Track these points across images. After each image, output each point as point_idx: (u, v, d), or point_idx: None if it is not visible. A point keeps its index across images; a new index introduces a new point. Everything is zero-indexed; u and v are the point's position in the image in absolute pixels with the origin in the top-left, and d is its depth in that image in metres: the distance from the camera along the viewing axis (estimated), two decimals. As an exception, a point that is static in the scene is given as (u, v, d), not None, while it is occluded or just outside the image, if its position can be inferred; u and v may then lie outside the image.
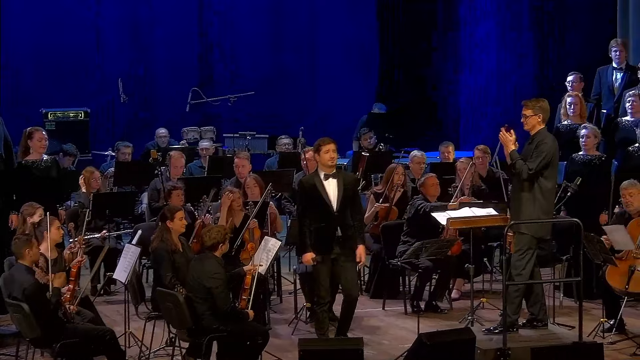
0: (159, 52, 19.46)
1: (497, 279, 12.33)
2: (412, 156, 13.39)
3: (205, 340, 9.17)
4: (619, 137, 12.80)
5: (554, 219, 10.73)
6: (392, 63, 20.64)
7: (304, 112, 19.90)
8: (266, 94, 19.45)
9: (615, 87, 13.75)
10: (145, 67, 19.31)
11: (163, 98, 19.20)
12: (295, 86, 20.21)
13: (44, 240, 9.65)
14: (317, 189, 9.75)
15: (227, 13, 20.01)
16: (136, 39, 19.29)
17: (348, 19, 20.47)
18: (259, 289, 10.16)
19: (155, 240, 10.34)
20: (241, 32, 19.90)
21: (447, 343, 9.11)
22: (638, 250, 10.24)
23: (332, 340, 9.73)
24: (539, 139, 10.00)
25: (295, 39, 20.41)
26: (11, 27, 18.24)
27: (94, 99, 18.43)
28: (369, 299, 12.12)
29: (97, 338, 9.16)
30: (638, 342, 10.07)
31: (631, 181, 10.74)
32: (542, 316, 10.33)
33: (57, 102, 17.76)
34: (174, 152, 13.54)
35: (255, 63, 20.02)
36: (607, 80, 13.79)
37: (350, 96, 20.10)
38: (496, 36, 18.77)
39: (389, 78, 20.63)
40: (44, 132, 12.09)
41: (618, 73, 13.78)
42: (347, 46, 20.54)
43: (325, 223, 9.71)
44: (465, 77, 19.48)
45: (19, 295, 9.08)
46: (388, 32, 20.67)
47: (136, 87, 19.12)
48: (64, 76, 18.48)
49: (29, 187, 11.51)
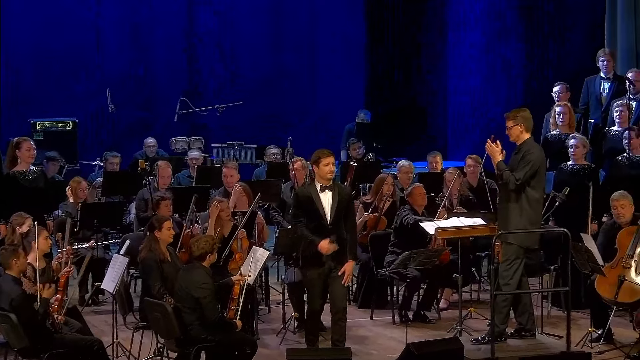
0: (158, 52, 19.36)
1: (485, 289, 12.31)
2: (399, 166, 13.41)
3: (193, 350, 9.16)
4: (606, 147, 12.83)
5: (542, 228, 10.75)
6: (384, 67, 20.55)
7: (304, 112, 19.88)
8: (266, 94, 19.40)
9: (603, 97, 13.78)
10: (145, 67, 19.23)
11: (161, 99, 19.07)
12: (295, 86, 20.06)
13: (32, 250, 9.64)
14: (313, 200, 9.63)
15: (227, 13, 19.89)
16: (136, 39, 19.22)
17: (347, 19, 20.38)
18: (247, 299, 10.15)
19: (144, 250, 10.32)
20: (241, 32, 19.76)
21: (435, 353, 9.12)
22: (628, 260, 10.27)
23: (320, 350, 9.70)
24: (525, 149, 10.04)
25: (295, 39, 20.26)
26: (11, 27, 18.15)
27: (92, 100, 18.36)
28: (357, 308, 12.09)
29: (85, 348, 9.15)
30: (626, 351, 10.09)
31: (622, 192, 10.74)
32: (530, 326, 10.35)
33: (54, 105, 17.73)
34: (161, 162, 13.53)
35: (255, 63, 19.87)
36: (594, 90, 13.82)
37: (350, 97, 19.98)
38: (484, 47, 18.75)
39: (377, 86, 20.55)
40: (32, 142, 12.09)
41: (605, 83, 13.81)
42: (347, 46, 20.42)
43: (318, 235, 9.62)
44: (453, 87, 19.48)
45: (7, 306, 9.07)
46: (385, 32, 20.53)
47: (136, 87, 19.06)
48: (61, 78, 18.44)
49: (17, 197, 11.50)
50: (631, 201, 10.64)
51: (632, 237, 10.34)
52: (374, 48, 20.56)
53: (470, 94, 19.16)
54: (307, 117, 19.86)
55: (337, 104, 19.90)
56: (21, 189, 11.66)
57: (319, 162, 9.64)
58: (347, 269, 9.59)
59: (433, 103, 20.02)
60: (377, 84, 20.57)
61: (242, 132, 18.37)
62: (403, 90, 20.36)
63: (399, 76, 20.47)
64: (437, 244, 11.40)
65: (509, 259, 10.11)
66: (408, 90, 20.31)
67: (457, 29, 19.27)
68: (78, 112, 17.65)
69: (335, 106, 19.92)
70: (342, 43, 20.43)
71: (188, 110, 17.56)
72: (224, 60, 19.82)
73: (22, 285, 9.27)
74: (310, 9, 20.36)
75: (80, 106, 18.03)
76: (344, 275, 9.58)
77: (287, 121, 19.63)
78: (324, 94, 20.14)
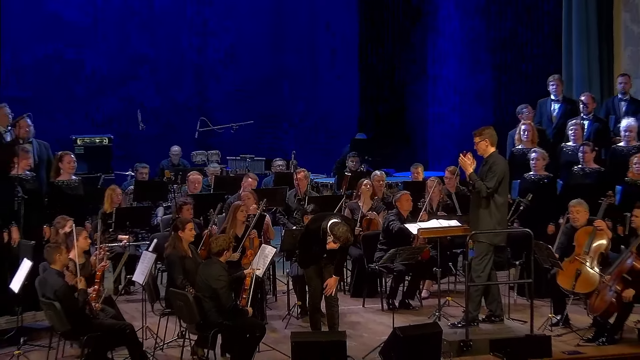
0: (161, 55, 18.48)
1: (460, 281, 12.28)
2: (373, 175, 13.31)
3: (211, 333, 9.16)
4: (563, 159, 12.80)
5: (509, 229, 10.75)
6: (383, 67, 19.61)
7: (304, 112, 19.19)
8: (266, 94, 18.65)
9: (554, 116, 13.76)
10: (164, 97, 18.47)
11: (182, 116, 18.27)
12: (296, 86, 19.21)
13: (73, 248, 9.64)
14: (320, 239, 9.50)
15: (228, 13, 18.82)
16: (156, 72, 18.46)
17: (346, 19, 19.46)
18: (257, 289, 10.15)
19: (169, 247, 10.30)
20: (242, 32, 18.72)
21: (418, 336, 9.13)
22: (584, 256, 10.26)
23: (319, 333, 9.69)
24: (492, 161, 10.07)
25: (296, 39, 19.23)
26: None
27: (124, 119, 17.74)
28: (350, 297, 12.09)
29: (119, 332, 9.14)
30: (581, 335, 10.07)
31: (579, 200, 10.72)
32: (499, 312, 10.34)
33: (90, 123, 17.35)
34: (192, 173, 13.53)
35: (255, 63, 18.82)
36: (546, 110, 13.81)
37: (350, 97, 19.43)
38: (459, 77, 18.61)
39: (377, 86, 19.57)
40: (73, 155, 12.09)
41: (555, 104, 13.80)
42: (346, 47, 19.53)
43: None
44: (433, 110, 19.33)
45: (51, 296, 9.08)
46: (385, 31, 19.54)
47: (162, 106, 18.32)
48: (102, 101, 17.90)
49: (60, 203, 11.49)
50: (586, 208, 10.63)
51: (588, 236, 10.34)
52: (373, 48, 19.61)
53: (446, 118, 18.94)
54: (307, 117, 19.04)
55: (337, 105, 19.25)
56: (64, 196, 11.65)
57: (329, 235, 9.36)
58: (330, 282, 9.56)
59: (416, 124, 19.72)
60: (376, 84, 19.65)
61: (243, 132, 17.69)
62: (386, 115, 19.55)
63: (398, 77, 19.56)
64: (419, 242, 11.40)
65: (480, 255, 10.11)
66: (392, 115, 19.58)
67: (433, 66, 19.08)
68: (112, 129, 17.50)
69: (335, 106, 19.27)
70: (342, 43, 19.47)
71: (207, 128, 17.47)
72: (225, 60, 18.78)
73: (65, 278, 9.27)
74: (310, 9, 19.30)
75: (114, 124, 17.83)
76: (331, 288, 9.54)
77: (287, 121, 18.93)
78: (324, 94, 19.36)
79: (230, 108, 18.34)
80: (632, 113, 13.36)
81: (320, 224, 9.48)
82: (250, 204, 11.73)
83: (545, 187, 12.02)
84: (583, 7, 15.11)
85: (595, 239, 10.31)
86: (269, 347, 9.75)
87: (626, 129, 12.63)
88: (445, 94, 18.90)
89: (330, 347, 8.92)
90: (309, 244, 9.67)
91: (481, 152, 10.18)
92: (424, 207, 12.02)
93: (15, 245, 10.48)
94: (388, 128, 19.21)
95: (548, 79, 13.89)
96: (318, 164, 16.96)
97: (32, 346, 9.89)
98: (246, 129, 17.56)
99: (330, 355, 8.88)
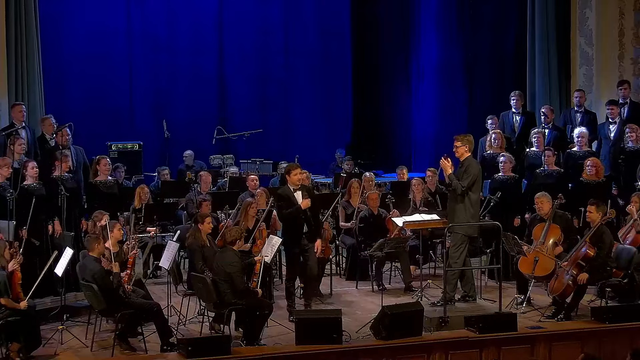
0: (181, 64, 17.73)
1: (439, 266, 12.28)
2: (364, 176, 13.31)
3: (226, 311, 9.18)
4: (527, 163, 12.84)
5: (481, 222, 10.77)
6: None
7: (305, 111, 18.58)
8: (272, 105, 18.14)
9: (516, 127, 13.83)
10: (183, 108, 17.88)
11: (200, 124, 17.62)
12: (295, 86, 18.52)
13: (109, 238, 9.65)
14: (290, 197, 9.97)
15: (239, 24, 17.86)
16: (174, 83, 17.83)
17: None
18: (266, 274, 10.17)
19: (190, 238, 10.32)
20: (243, 33, 17.80)
21: (403, 313, 9.14)
22: (541, 246, 10.28)
23: (318, 311, 9.74)
24: (467, 164, 10.17)
25: (296, 42, 18.32)
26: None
27: (152, 128, 17.27)
28: (345, 280, 12.09)
29: (148, 310, 9.15)
30: (542, 312, 10.09)
31: (543, 193, 10.76)
32: (472, 293, 10.38)
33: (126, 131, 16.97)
34: (204, 172, 13.53)
35: (256, 64, 17.98)
36: (508, 121, 13.86)
37: (348, 98, 18.99)
38: (436, 93, 18.43)
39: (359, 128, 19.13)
40: (108, 159, 12.11)
41: (517, 116, 13.83)
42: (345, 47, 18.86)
43: (296, 220, 9.92)
44: (415, 118, 19.22)
45: (90, 279, 9.08)
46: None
47: (185, 115, 17.70)
48: (135, 113, 17.58)
49: (97, 200, 11.51)
50: (549, 199, 10.63)
51: (542, 230, 10.37)
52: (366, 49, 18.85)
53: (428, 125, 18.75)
54: (307, 124, 18.48)
55: (337, 105, 18.82)
56: (101, 194, 11.66)
57: (290, 172, 10.08)
58: (317, 244, 10.05)
59: (400, 129, 19.44)
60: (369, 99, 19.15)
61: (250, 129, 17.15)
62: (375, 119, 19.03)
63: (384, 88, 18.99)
64: (395, 234, 11.40)
65: (456, 244, 10.14)
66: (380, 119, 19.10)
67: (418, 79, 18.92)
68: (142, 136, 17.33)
69: (335, 106, 18.82)
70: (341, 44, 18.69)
71: (223, 136, 17.40)
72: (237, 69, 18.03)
73: (101, 264, 9.28)
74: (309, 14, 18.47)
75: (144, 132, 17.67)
76: (318, 249, 10.07)
77: (288, 120, 18.46)
78: (324, 95, 18.76)
79: (242, 117, 17.97)
80: (586, 123, 13.40)
81: (283, 186, 10.07)
82: (262, 200, 11.74)
83: (511, 186, 12.02)
84: (544, 32, 15.16)
85: (549, 232, 10.32)
86: (276, 323, 9.76)
87: (578, 135, 12.75)
88: (425, 105, 18.80)
89: (328, 322, 8.93)
90: (287, 209, 9.95)
91: (459, 155, 10.23)
92: (411, 204, 12.19)
93: (57, 237, 10.51)
94: (377, 134, 19.14)
95: (510, 94, 13.93)
96: (318, 165, 16.92)
97: (74, 322, 9.90)
98: (256, 136, 17.52)
99: (328, 329, 8.89)
